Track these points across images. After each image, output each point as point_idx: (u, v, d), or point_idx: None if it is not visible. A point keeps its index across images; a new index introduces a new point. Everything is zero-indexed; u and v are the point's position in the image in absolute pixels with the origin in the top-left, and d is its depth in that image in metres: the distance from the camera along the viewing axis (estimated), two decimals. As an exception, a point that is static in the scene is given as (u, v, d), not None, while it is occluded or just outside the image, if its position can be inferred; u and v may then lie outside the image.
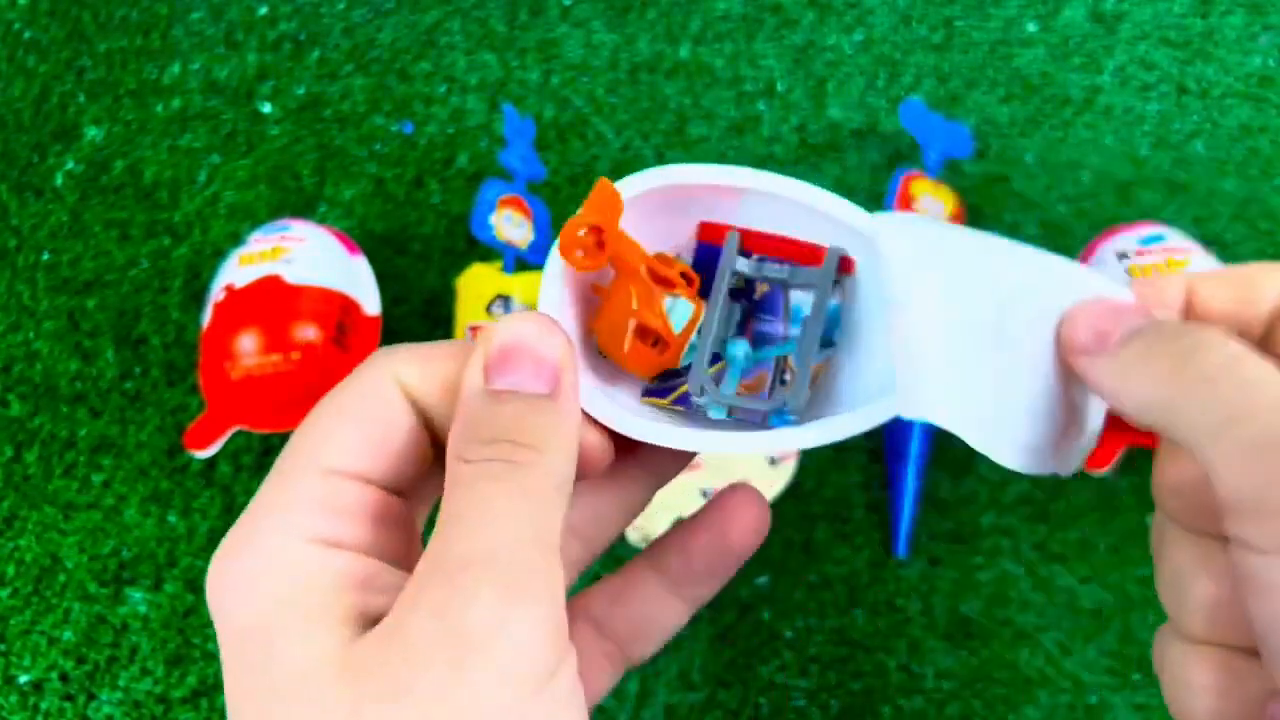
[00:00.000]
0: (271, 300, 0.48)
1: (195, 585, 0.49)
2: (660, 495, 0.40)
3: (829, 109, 0.59)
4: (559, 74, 0.61)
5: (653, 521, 0.45)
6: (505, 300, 0.50)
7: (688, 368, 0.27)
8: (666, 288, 0.26)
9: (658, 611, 0.27)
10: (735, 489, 0.27)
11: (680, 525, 0.28)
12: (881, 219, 0.25)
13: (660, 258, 0.27)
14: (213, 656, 0.48)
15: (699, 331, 0.27)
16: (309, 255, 0.50)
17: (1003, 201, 0.56)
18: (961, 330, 0.24)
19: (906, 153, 0.57)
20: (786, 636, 0.47)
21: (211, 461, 0.51)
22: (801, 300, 0.27)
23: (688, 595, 0.28)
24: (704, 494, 0.45)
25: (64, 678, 0.48)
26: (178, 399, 0.53)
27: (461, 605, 0.19)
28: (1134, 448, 0.47)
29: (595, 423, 0.25)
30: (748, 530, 0.27)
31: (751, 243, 0.27)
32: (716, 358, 0.27)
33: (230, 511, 0.50)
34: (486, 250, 0.56)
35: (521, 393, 0.22)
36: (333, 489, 0.22)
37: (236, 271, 0.50)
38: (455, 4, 0.63)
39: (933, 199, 0.52)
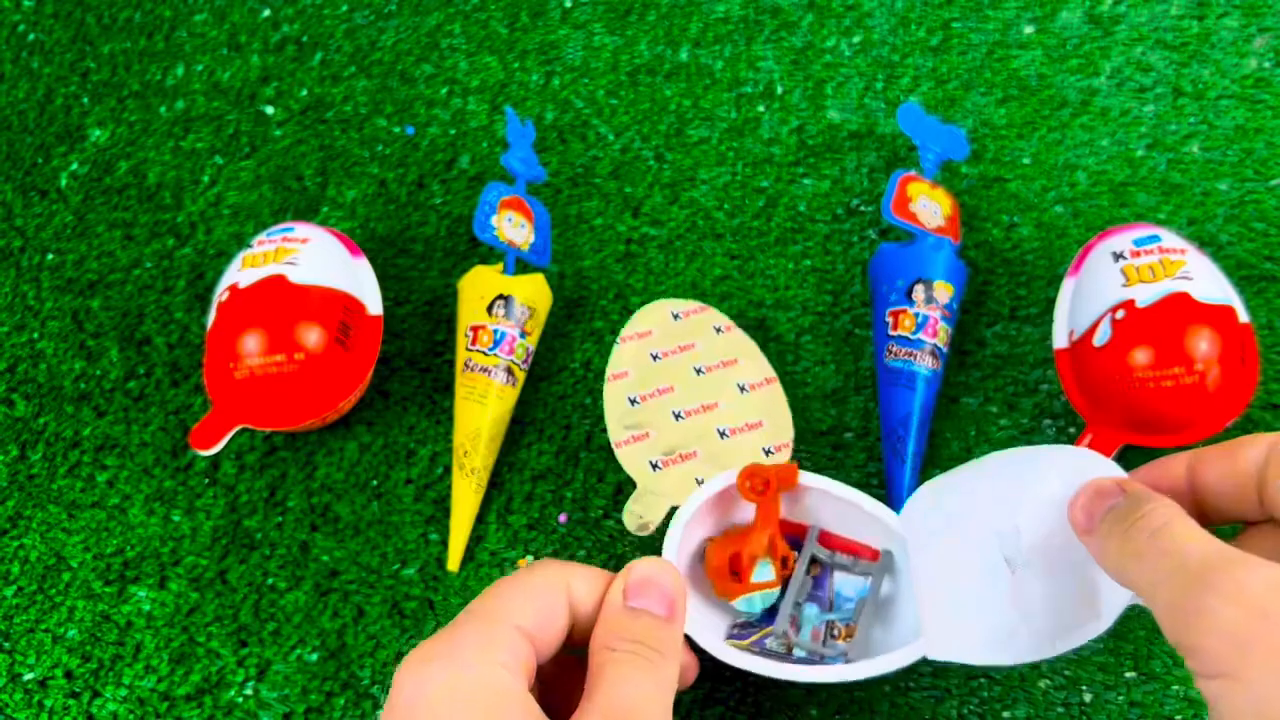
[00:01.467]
0: (275, 300, 0.48)
1: (199, 583, 0.49)
2: (659, 483, 0.44)
3: (827, 111, 0.59)
4: (560, 76, 0.61)
5: (651, 510, 0.45)
6: (506, 301, 0.51)
7: (760, 619, 0.41)
8: (766, 553, 0.40)
9: None
10: None
11: None
12: (908, 512, 0.39)
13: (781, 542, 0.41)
14: (216, 654, 0.48)
15: (783, 592, 0.41)
16: (312, 256, 0.50)
17: (999, 203, 0.56)
18: (968, 577, 0.35)
19: (904, 155, 0.58)
20: (785, 634, 0.48)
21: (215, 461, 0.52)
22: (841, 582, 0.42)
23: None
24: (698, 481, 0.46)
25: (69, 675, 0.48)
26: (181, 399, 0.53)
27: None
28: (1129, 446, 0.48)
29: (689, 648, 0.37)
30: None
31: (822, 538, 0.43)
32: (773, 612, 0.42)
33: (234, 510, 0.51)
34: (488, 251, 0.56)
35: (650, 612, 0.34)
36: (518, 641, 0.31)
37: (240, 273, 0.50)
38: (457, 7, 0.63)
39: (929, 200, 0.52)
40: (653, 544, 0.48)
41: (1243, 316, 0.47)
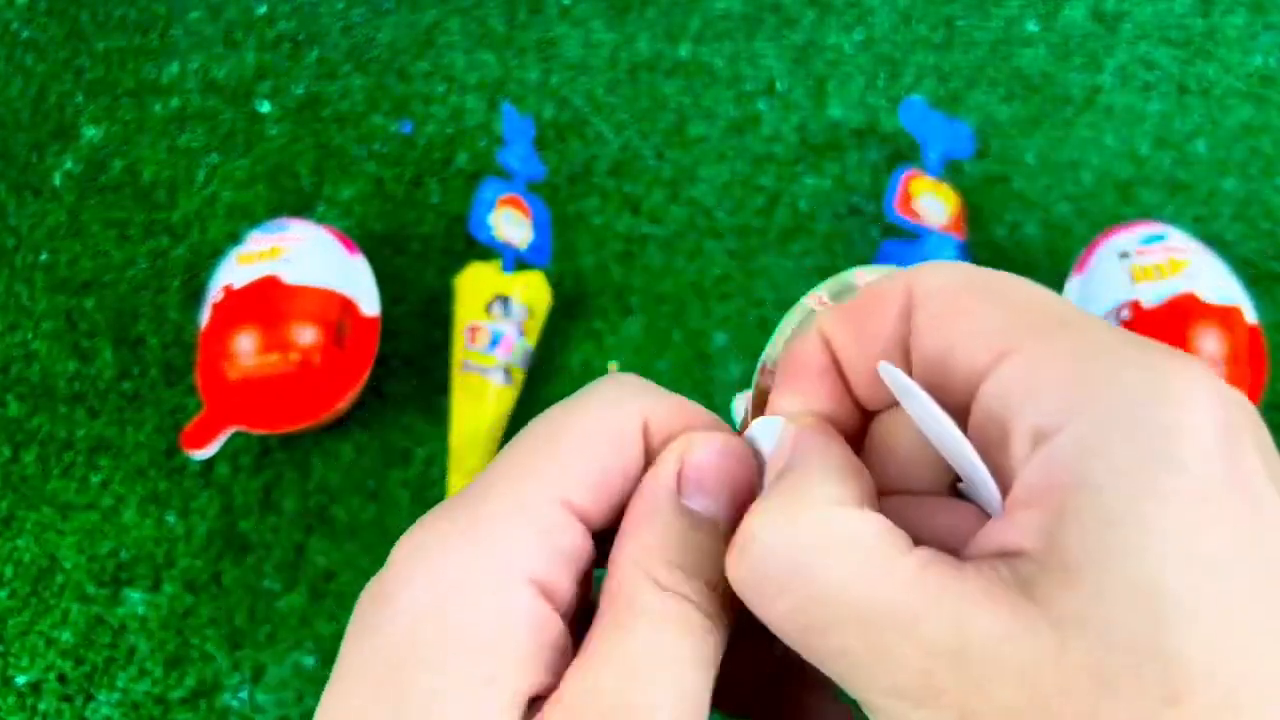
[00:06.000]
0: (269, 301, 0.48)
1: (194, 586, 0.49)
2: None
3: (829, 108, 0.59)
4: (558, 73, 0.60)
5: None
6: (504, 300, 0.50)
7: None
8: None
9: None
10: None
11: None
12: None
13: None
14: (211, 658, 0.47)
15: None
16: (307, 255, 0.50)
17: (1003, 201, 0.56)
18: None
19: (907, 152, 0.57)
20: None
21: (210, 462, 0.51)
22: None
23: None
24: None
25: (62, 679, 0.48)
26: (176, 399, 0.53)
27: None
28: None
29: None
30: None
31: None
32: None
33: (229, 512, 0.50)
34: (485, 250, 0.55)
35: (715, 524, 0.19)
36: (562, 523, 0.19)
37: (235, 271, 0.49)
38: (454, 3, 0.63)
39: (933, 198, 0.52)
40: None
41: (1249, 317, 0.47)
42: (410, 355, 0.54)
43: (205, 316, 0.50)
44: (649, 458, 0.20)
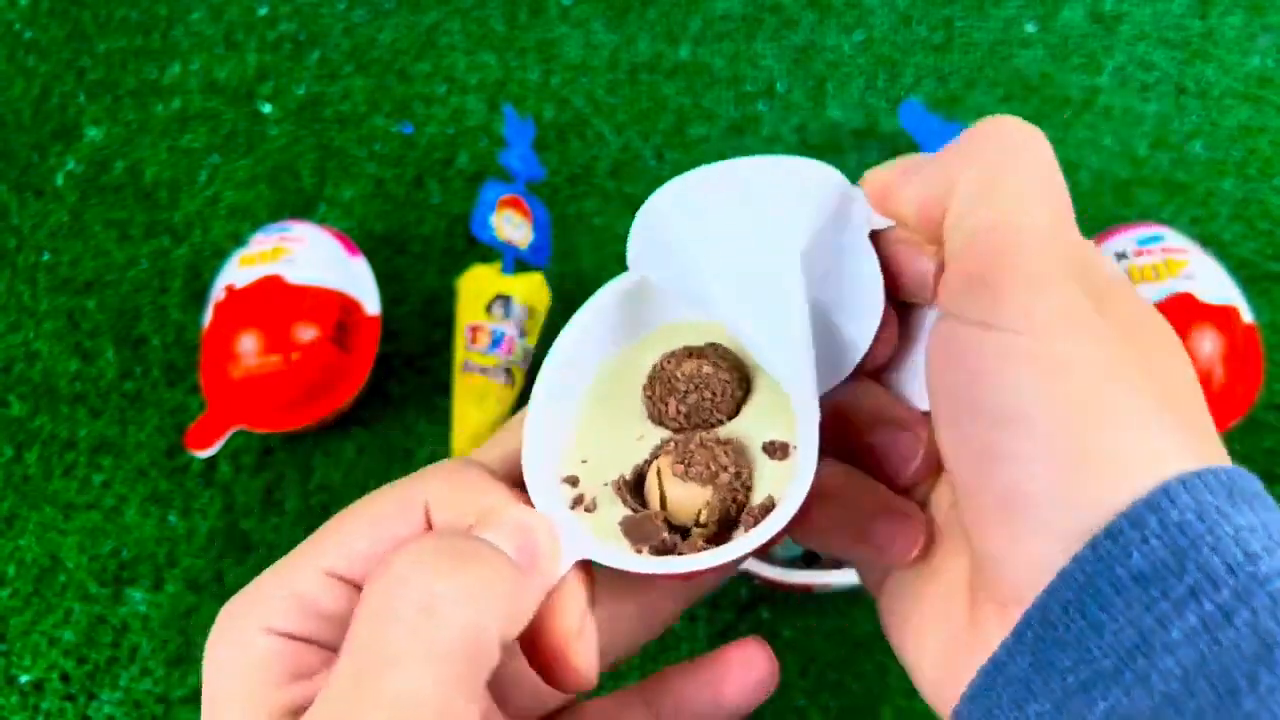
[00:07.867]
0: (272, 300, 0.48)
1: (195, 585, 0.49)
2: None
3: (829, 109, 0.59)
4: (559, 74, 0.61)
5: None
6: (505, 300, 0.50)
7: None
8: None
9: None
10: (742, 642, 0.25)
11: (680, 668, 0.25)
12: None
13: None
14: (213, 656, 0.48)
15: None
16: (309, 256, 0.50)
17: (1002, 202, 0.56)
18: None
19: (906, 153, 0.57)
20: (786, 636, 0.47)
21: (212, 462, 0.51)
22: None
23: None
24: None
25: (64, 678, 0.48)
26: (178, 399, 0.53)
27: None
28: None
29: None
30: (746, 691, 0.25)
31: None
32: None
33: (230, 511, 0.50)
34: (486, 250, 0.56)
35: (493, 546, 0.22)
36: (321, 589, 0.23)
37: (237, 272, 0.50)
38: (455, 4, 0.63)
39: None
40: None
41: (1246, 317, 0.47)
42: (411, 355, 0.54)
43: (208, 316, 0.50)
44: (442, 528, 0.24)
